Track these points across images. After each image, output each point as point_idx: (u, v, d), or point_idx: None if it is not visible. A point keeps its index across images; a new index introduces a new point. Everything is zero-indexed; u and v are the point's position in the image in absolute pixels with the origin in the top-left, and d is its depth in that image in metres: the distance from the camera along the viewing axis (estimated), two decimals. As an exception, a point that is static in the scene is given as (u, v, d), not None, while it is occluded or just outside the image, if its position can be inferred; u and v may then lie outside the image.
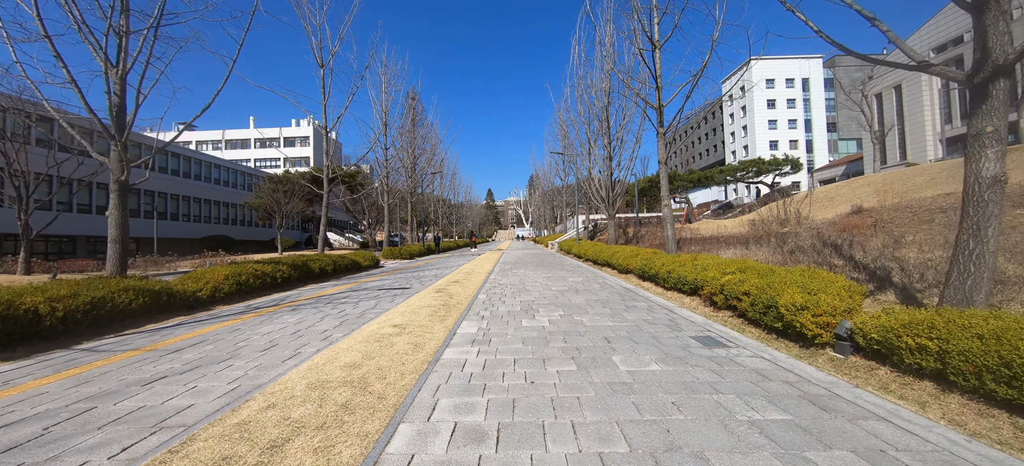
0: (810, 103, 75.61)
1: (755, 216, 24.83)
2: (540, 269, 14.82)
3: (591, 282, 10.63)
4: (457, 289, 9.37)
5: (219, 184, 41.72)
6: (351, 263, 16.01)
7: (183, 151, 38.20)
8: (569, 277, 11.94)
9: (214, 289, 8.71)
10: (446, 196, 52.87)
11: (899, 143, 47.99)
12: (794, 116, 75.34)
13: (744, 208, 30.56)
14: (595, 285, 10.05)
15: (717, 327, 5.48)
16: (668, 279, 8.47)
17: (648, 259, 10.28)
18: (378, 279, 12.96)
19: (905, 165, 38.69)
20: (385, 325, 5.67)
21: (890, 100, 48.53)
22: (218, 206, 41.02)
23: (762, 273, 5.90)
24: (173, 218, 36.25)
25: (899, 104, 47.65)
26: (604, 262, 14.82)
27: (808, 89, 75.91)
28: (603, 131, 19.01)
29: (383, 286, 10.87)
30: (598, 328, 5.46)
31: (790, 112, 75.53)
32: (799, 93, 75.81)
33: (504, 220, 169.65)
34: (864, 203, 18.21)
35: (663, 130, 11.17)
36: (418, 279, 12.47)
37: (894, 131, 48.19)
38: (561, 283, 10.51)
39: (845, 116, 76.44)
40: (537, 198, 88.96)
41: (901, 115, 47.28)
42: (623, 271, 12.29)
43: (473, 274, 13.07)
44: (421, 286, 10.59)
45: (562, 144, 26.93)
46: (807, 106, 75.78)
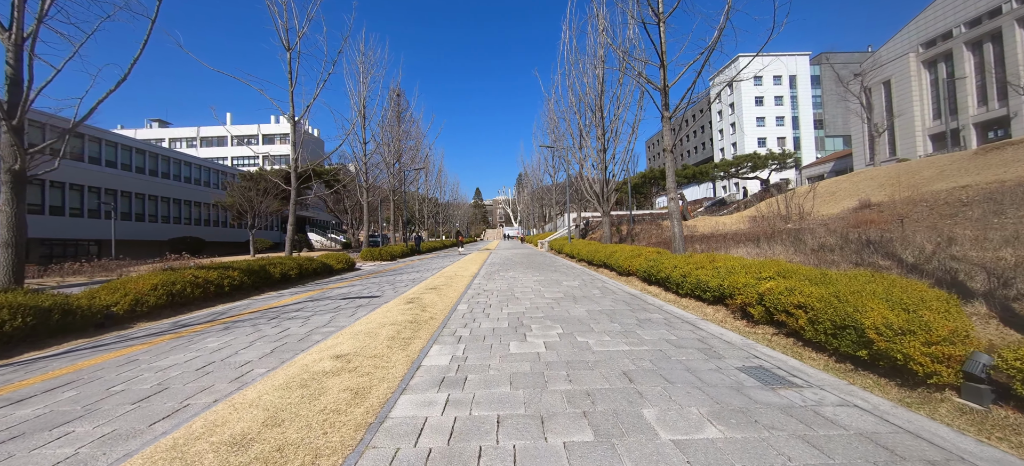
0: (797, 100, 75.77)
1: (754, 212, 23.87)
2: (531, 271, 13.48)
3: (589, 287, 9.30)
4: (433, 298, 7.95)
5: (189, 182, 39.45)
6: (321, 267, 14.44)
7: (149, 147, 35.88)
8: (564, 280, 10.60)
9: (135, 302, 7.15)
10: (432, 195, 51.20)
11: (888, 139, 47.89)
12: (782, 113, 75.40)
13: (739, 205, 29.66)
14: (594, 290, 8.72)
15: (764, 351, 4.18)
16: (683, 284, 7.18)
17: (654, 260, 9.00)
18: (347, 285, 11.46)
19: (896, 161, 38.39)
20: (325, 356, 4.24)
21: (879, 96, 48.41)
22: (187, 206, 38.74)
23: (815, 279, 4.63)
24: (138, 218, 33.98)
25: (888, 100, 47.53)
26: (601, 263, 13.53)
27: (795, 86, 76.07)
28: (596, 122, 17.73)
29: (349, 294, 9.39)
30: (611, 356, 4.12)
31: (778, 109, 75.57)
32: (786, 90, 75.92)
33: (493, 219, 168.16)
34: (872, 197, 17.31)
35: (668, 114, 9.90)
36: (392, 285, 11.00)
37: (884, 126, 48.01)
38: (555, 288, 9.16)
39: (832, 113, 76.79)
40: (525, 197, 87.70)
41: (891, 111, 47.16)
42: (624, 273, 11.00)
43: (455, 278, 11.65)
44: (394, 293, 9.15)
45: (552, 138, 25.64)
46: (794, 103, 75.93)
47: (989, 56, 37.68)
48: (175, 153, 39.13)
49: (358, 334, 5.15)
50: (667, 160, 10.02)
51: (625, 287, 9.10)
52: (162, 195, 36.42)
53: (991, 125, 38.28)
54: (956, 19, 40.27)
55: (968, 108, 39.35)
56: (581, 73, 18.23)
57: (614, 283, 9.87)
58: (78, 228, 29.37)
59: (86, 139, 30.12)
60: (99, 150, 31.25)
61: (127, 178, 33.09)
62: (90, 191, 30.13)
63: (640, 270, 9.61)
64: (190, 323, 6.81)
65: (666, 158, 10.00)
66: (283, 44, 15.43)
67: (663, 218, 28.67)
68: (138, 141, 34.65)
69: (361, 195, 24.77)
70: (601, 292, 8.46)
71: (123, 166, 33.14)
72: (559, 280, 10.72)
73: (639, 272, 9.74)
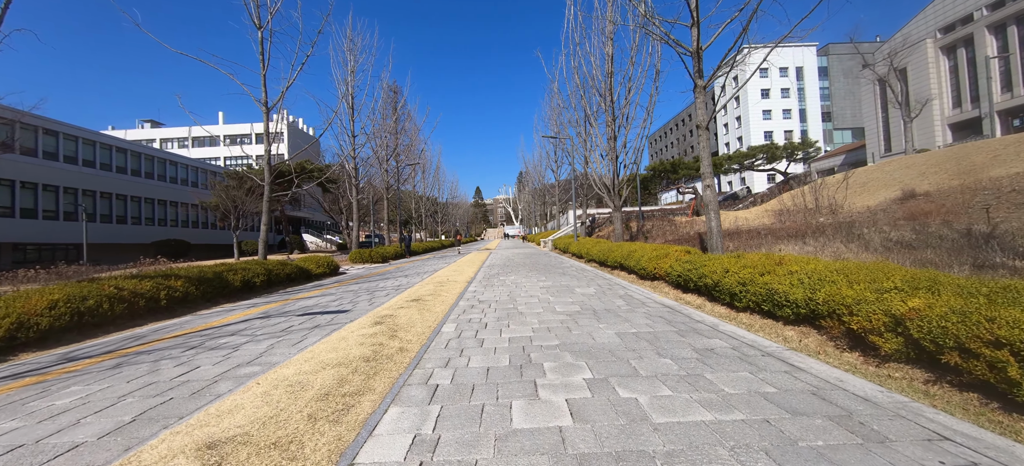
0: (804, 93, 73.83)
1: (777, 205, 22.07)
2: (535, 274, 11.71)
3: (609, 295, 7.54)
4: (412, 316, 6.19)
5: (173, 182, 37.73)
6: (296, 272, 12.70)
7: (130, 146, 34.16)
8: (576, 286, 8.84)
9: (18, 326, 5.41)
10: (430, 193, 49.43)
11: (904, 129, 45.89)
12: (789, 106, 73.49)
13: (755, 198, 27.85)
14: (617, 300, 6.96)
15: (954, 424, 2.41)
16: (741, 294, 5.41)
17: (689, 262, 7.24)
18: (318, 295, 9.72)
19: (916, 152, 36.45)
20: (195, 441, 2.47)
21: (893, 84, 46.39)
22: (173, 207, 37.03)
23: (988, 294, 2.87)
24: (119, 220, 32.28)
25: (905, 88, 45.61)
26: (616, 264, 11.75)
27: (802, 78, 74.13)
28: (605, 107, 15.95)
29: (313, 308, 7.64)
30: (689, 437, 2.35)
31: (784, 102, 73.66)
32: (793, 82, 74.01)
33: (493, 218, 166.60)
34: (916, 186, 15.50)
35: (702, 82, 8.12)
36: (370, 294, 9.25)
37: (898, 116, 46.13)
38: (567, 298, 7.40)
39: (840, 106, 74.87)
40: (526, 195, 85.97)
41: (907, 100, 45.20)
42: (647, 277, 9.22)
43: (446, 285, 9.89)
44: (368, 306, 7.40)
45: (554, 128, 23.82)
46: (801, 95, 73.99)
47: (1014, 40, 35.80)
48: (159, 152, 37.44)
49: (280, 384, 3.38)
50: (700, 139, 8.25)
51: (654, 296, 7.33)
52: (145, 196, 34.73)
53: (1017, 112, 36.39)
54: (977, 1, 38.33)
55: (991, 95, 37.44)
56: (587, 54, 16.44)
57: (639, 290, 8.09)
58: (53, 232, 27.68)
59: (61, 137, 28.42)
60: (75, 148, 29.55)
61: (106, 178, 31.39)
62: (66, 192, 28.43)
63: (671, 274, 7.84)
64: (88, 354, 5.09)
65: (699, 137, 8.23)
66: (253, 21, 13.70)
67: (674, 213, 26.87)
68: (117, 139, 32.96)
69: (351, 193, 23.01)
70: (626, 303, 6.69)
71: (102, 165, 31.44)
72: (570, 286, 8.96)
73: (669, 277, 7.97)
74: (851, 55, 76.06)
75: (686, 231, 18.84)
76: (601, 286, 8.77)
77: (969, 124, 39.83)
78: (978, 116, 38.68)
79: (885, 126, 48.16)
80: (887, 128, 47.69)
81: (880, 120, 48.56)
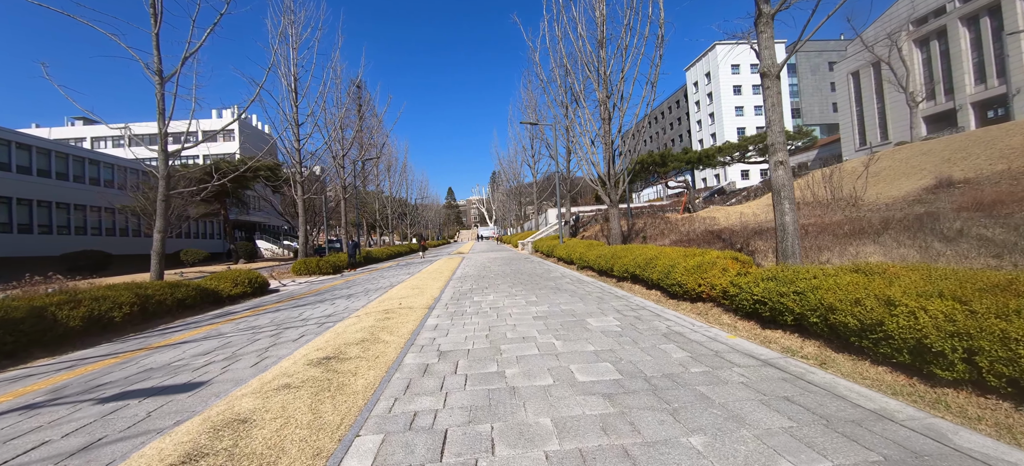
0: (775, 89, 74.18)
1: (782, 199, 20.02)
2: (520, 290, 8.86)
3: (648, 335, 4.78)
4: (296, 408, 3.20)
5: (96, 184, 32.69)
6: (194, 295, 9.36)
7: (36, 142, 29.09)
8: (588, 315, 6.04)
9: None
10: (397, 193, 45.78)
11: (879, 122, 45.98)
12: (760, 102, 73.71)
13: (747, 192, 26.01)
14: (668, 347, 4.21)
15: None
16: (905, 341, 2.72)
17: (775, 277, 4.58)
18: (188, 342, 6.55)
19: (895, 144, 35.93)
20: None
21: (868, 78, 46.46)
22: (92, 212, 31.99)
23: None
24: (21, 229, 27.28)
25: (878, 82, 45.59)
26: (624, 274, 9.03)
27: (772, 75, 74.48)
28: (597, 84, 13.29)
29: (132, 384, 4.51)
30: None
31: (756, 98, 73.97)
32: (764, 79, 74.26)
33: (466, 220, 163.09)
34: (950, 173, 13.62)
35: (771, 9, 5.49)
36: (274, 336, 6.16)
37: (873, 110, 46.17)
38: (584, 342, 4.59)
39: (809, 102, 75.79)
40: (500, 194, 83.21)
41: (880, 94, 45.22)
42: (682, 296, 6.52)
43: (395, 315, 6.90)
44: (252, 371, 4.35)
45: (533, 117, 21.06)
46: (772, 92, 74.31)
47: (986, 31, 35.77)
48: (76, 150, 32.34)
49: None
50: (767, 93, 5.62)
51: (723, 336, 4.60)
52: (57, 200, 29.72)
53: (991, 104, 36.38)
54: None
55: (965, 87, 37.39)
56: (574, 19, 13.72)
57: (685, 322, 5.36)
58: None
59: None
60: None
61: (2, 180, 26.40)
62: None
63: (732, 295, 5.15)
64: None
65: (766, 90, 5.59)
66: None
67: (664, 210, 24.61)
68: (18, 134, 27.90)
69: (294, 190, 19.49)
70: (691, 356, 3.93)
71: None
72: (576, 311, 6.15)
73: (728, 299, 5.29)
74: (819, 52, 77.50)
75: (687, 229, 16.44)
76: (622, 313, 5.99)
77: (943, 116, 39.81)
78: (953, 108, 38.62)
79: (860, 120, 48.09)
80: (862, 121, 47.62)
81: (855, 113, 48.47)
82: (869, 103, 46.42)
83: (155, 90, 10.92)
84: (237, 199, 41.11)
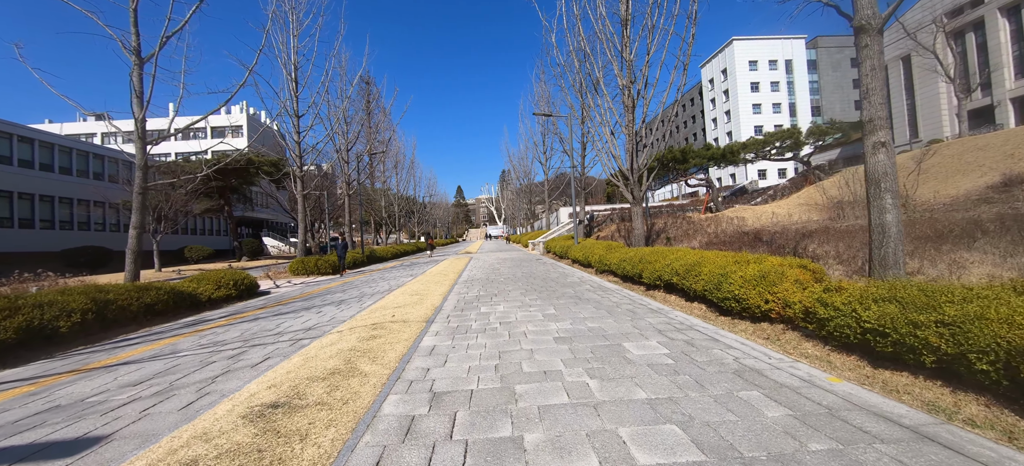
0: (794, 86, 72.02)
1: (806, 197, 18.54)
2: (536, 298, 7.64)
3: (712, 369, 3.54)
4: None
5: (100, 179, 32.21)
6: (166, 300, 8.32)
7: (40, 135, 28.62)
8: (624, 337, 4.82)
9: None
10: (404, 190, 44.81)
11: (908, 118, 43.74)
12: (779, 100, 71.56)
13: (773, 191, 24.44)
14: (750, 394, 2.96)
15: None
16: None
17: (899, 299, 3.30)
18: (121, 367, 5.47)
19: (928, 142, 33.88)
20: None
21: (897, 73, 44.22)
22: (96, 208, 31.49)
23: None
24: (23, 225, 26.80)
25: (908, 77, 43.36)
26: (655, 281, 7.75)
27: (792, 71, 72.32)
28: (618, 70, 12.00)
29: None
30: None
31: (775, 96, 71.68)
32: (783, 76, 72.13)
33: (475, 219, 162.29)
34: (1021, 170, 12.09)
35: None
36: (234, 357, 5.04)
37: (902, 106, 43.89)
38: (628, 381, 3.37)
39: (829, 99, 73.19)
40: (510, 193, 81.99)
41: (910, 89, 42.99)
42: (736, 313, 5.25)
43: (384, 332, 5.74)
44: (180, 418, 3.20)
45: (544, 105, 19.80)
46: (791, 89, 72.14)
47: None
48: (80, 144, 31.88)
49: None
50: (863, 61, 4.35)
51: (825, 380, 3.34)
52: (60, 195, 29.24)
53: (1033, 99, 34.16)
54: (988, -17, 36.00)
55: (1004, 82, 35.18)
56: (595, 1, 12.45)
57: (762, 354, 4.11)
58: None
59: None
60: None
61: (3, 173, 25.91)
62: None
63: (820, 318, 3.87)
64: None
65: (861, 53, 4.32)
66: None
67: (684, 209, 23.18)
68: (20, 127, 27.42)
69: (294, 185, 18.50)
70: (794, 416, 2.69)
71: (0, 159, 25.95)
72: (608, 332, 4.92)
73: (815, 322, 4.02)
74: (840, 48, 74.88)
75: (714, 230, 15.07)
76: (666, 335, 4.74)
77: (980, 113, 37.57)
78: (990, 104, 36.42)
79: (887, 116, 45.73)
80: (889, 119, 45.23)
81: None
82: (898, 99, 44.13)
83: (132, 70, 9.90)
84: (242, 195, 40.51)
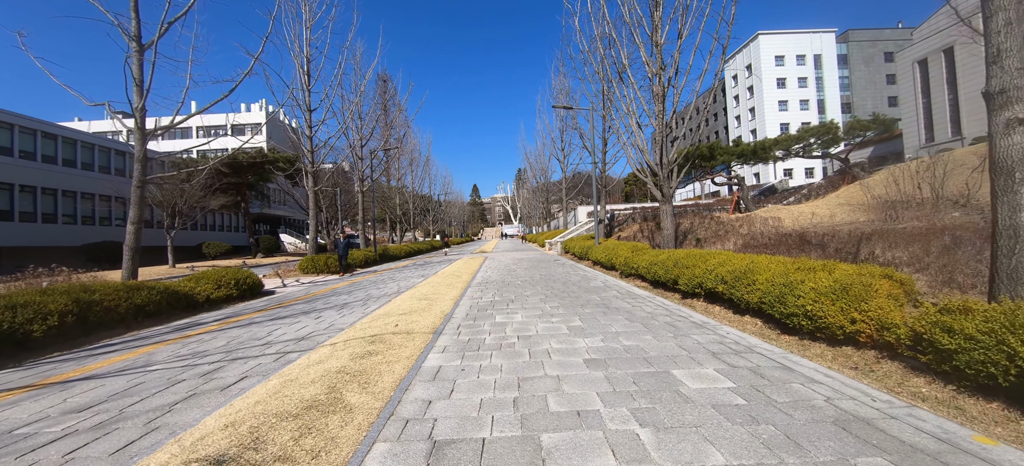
0: (823, 82, 69.11)
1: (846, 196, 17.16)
2: (558, 305, 6.79)
3: (784, 407, 2.63)
4: None
5: (121, 175, 32.60)
6: (157, 301, 7.75)
7: (62, 131, 29.02)
8: (675, 363, 3.93)
9: None
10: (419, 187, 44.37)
11: (950, 115, 41.18)
12: (806, 96, 68.74)
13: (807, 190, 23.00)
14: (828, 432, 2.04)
15: None
16: None
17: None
18: (45, 393, 4.81)
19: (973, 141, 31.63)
20: None
21: (938, 66, 41.70)
22: (113, 203, 31.85)
23: None
24: (45, 219, 27.17)
25: (949, 70, 40.84)
26: (694, 288, 6.80)
27: (820, 67, 69.42)
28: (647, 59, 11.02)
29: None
30: None
31: (802, 92, 68.90)
32: (811, 71, 69.29)
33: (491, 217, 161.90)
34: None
35: None
36: (191, 379, 4.33)
37: (943, 101, 41.38)
38: (679, 412, 2.48)
39: (861, 96, 70.04)
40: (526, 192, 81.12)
41: (953, 83, 40.46)
42: (816, 335, 4.29)
43: (378, 352, 4.98)
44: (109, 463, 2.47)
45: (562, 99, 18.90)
46: (819, 85, 69.26)
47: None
48: (101, 139, 32.31)
49: None
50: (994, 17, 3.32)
51: (970, 441, 2.40)
52: (83, 190, 29.62)
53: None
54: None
55: (1059, 74, 32.57)
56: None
57: (861, 392, 3.18)
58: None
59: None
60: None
61: (27, 169, 26.29)
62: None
63: (978, 358, 2.93)
64: None
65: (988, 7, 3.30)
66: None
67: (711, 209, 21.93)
68: (45, 124, 27.82)
69: (305, 181, 18.04)
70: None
71: (22, 153, 26.34)
72: (649, 353, 4.04)
73: (977, 366, 3.06)
74: (873, 42, 71.63)
75: (749, 231, 13.93)
76: (724, 360, 3.83)
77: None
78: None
79: (927, 112, 43.31)
80: (929, 114, 42.84)
81: (920, 106, 43.73)
82: (938, 94, 41.57)
83: (132, 56, 9.40)
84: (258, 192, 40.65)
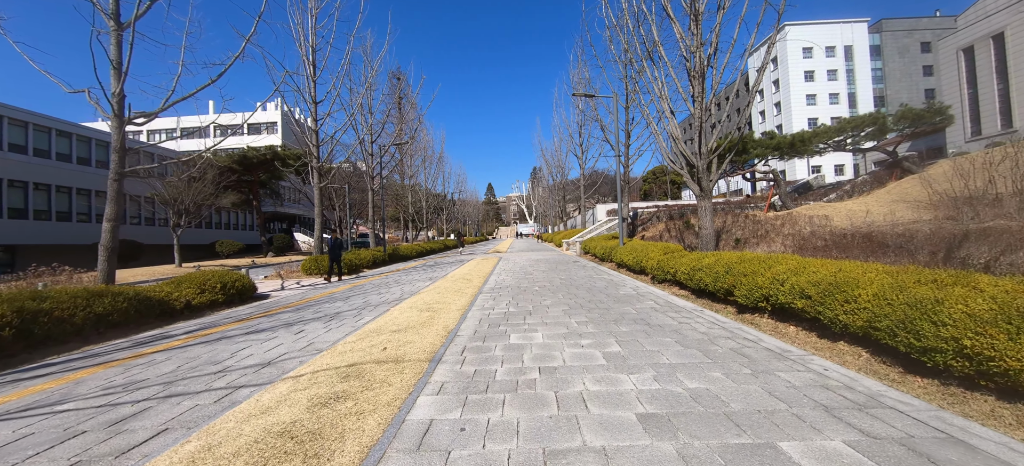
0: (854, 74, 65.92)
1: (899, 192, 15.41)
2: (583, 317, 5.57)
3: None
4: None
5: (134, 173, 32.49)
6: (125, 309, 6.78)
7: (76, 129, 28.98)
8: (775, 424, 2.68)
9: None
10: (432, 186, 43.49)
11: (1000, 106, 38.32)
12: (836, 90, 65.67)
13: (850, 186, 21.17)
14: None
15: None
16: None
17: None
18: None
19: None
20: None
21: (986, 54, 38.89)
22: (132, 202, 31.76)
23: None
24: (60, 217, 27.12)
25: (999, 58, 37.99)
26: (756, 301, 5.49)
27: (851, 58, 66.22)
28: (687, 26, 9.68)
29: None
30: None
31: (831, 85, 65.84)
32: (841, 63, 66.15)
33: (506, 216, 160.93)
34: None
35: None
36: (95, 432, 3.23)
37: (992, 92, 38.54)
38: None
39: (895, 88, 66.47)
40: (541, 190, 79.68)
41: (1003, 72, 37.64)
42: (975, 381, 2.97)
43: (351, 394, 3.82)
44: None
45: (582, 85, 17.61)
46: (850, 78, 66.09)
47: None
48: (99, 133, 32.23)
49: None
50: None
51: None
52: (97, 188, 29.56)
53: None
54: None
55: None
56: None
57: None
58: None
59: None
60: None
61: (43, 167, 26.24)
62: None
63: None
64: None
65: None
66: None
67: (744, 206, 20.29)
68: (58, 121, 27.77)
69: (311, 177, 17.19)
70: None
71: (37, 152, 26.31)
72: (731, 405, 2.80)
73: None
74: (909, 31, 67.94)
75: (792, 231, 12.41)
76: (841, 416, 2.56)
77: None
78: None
79: (973, 103, 40.42)
80: (975, 105, 39.97)
81: (966, 97, 40.86)
82: (986, 84, 38.70)
83: (109, 36, 8.52)
84: (270, 190, 40.33)
